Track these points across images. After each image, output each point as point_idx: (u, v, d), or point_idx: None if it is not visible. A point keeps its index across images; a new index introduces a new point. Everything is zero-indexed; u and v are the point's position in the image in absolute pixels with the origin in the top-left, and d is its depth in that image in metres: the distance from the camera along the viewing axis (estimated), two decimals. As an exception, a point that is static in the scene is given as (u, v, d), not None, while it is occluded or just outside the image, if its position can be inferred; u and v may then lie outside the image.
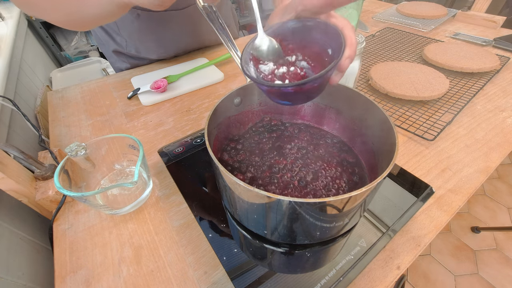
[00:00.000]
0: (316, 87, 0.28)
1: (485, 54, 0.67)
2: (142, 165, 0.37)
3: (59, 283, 0.32)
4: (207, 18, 0.41)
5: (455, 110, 0.55)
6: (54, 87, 1.13)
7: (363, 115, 0.36)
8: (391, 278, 0.32)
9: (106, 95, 0.65)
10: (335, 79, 0.30)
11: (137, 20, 0.65)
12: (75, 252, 0.35)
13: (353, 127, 0.39)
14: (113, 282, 0.32)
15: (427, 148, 0.48)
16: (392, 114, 0.55)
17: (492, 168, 0.44)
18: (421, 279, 1.07)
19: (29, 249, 0.44)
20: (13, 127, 0.61)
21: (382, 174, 0.23)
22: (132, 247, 0.35)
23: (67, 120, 0.58)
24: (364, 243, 0.33)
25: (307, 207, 0.24)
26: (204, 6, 0.41)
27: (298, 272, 0.30)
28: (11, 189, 0.37)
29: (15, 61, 0.81)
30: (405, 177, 0.41)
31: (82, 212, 0.40)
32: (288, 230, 0.29)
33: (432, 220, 0.38)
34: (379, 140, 0.33)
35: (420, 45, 0.80)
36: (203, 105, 0.61)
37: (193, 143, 0.47)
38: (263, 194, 0.22)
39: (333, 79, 0.30)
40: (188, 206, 0.39)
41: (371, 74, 0.63)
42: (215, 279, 0.32)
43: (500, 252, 1.14)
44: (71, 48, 1.54)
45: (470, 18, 0.93)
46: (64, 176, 0.35)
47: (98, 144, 0.40)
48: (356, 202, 0.25)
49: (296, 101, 0.31)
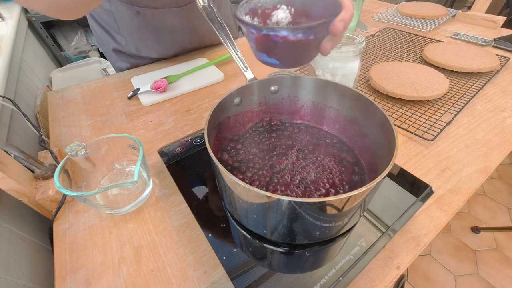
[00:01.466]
0: (306, 43, 0.27)
1: (485, 54, 0.67)
2: (142, 165, 0.37)
3: (59, 283, 0.32)
4: (207, 18, 0.41)
5: (455, 110, 0.55)
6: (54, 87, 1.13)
7: (363, 115, 0.36)
8: (391, 278, 0.32)
9: (106, 95, 0.66)
10: (327, 46, 0.29)
11: (136, 17, 0.65)
12: (75, 252, 0.35)
13: (352, 127, 0.39)
14: (113, 282, 0.32)
15: (427, 148, 0.48)
16: (392, 114, 0.55)
17: (492, 168, 0.44)
18: (421, 279, 1.07)
19: (29, 249, 0.44)
20: (13, 127, 0.61)
21: (382, 174, 0.23)
22: (132, 247, 0.36)
23: (67, 120, 0.58)
24: (363, 242, 0.33)
25: (306, 207, 0.24)
26: (204, 6, 0.41)
27: (298, 272, 0.30)
28: (11, 189, 0.37)
29: (15, 61, 0.81)
30: (405, 177, 0.41)
31: (82, 212, 0.40)
32: (288, 230, 0.29)
33: (431, 220, 0.38)
34: (379, 140, 0.33)
35: (420, 45, 0.80)
36: (203, 105, 0.61)
37: (193, 143, 0.47)
38: (262, 194, 0.23)
39: (325, 45, 0.28)
40: (188, 206, 0.39)
41: (371, 74, 0.63)
42: (215, 278, 0.32)
43: (500, 252, 1.14)
44: (71, 48, 1.54)
45: (470, 18, 0.93)
46: (64, 176, 0.35)
47: (98, 144, 0.40)
48: (355, 202, 0.25)
49: (284, 59, 0.30)
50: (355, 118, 0.38)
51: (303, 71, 0.69)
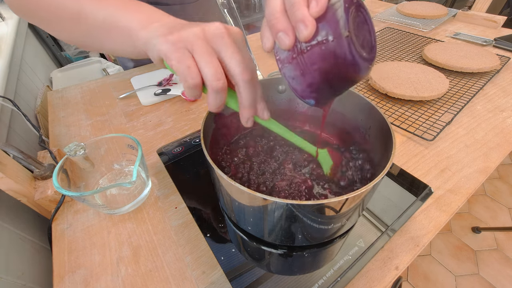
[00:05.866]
0: None
1: (485, 54, 0.67)
2: (141, 165, 0.37)
3: (58, 282, 0.32)
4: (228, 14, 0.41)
5: (455, 110, 0.55)
6: (54, 87, 1.13)
7: (361, 116, 0.36)
8: (390, 278, 0.32)
9: (106, 95, 0.66)
10: None
11: None
12: (73, 251, 0.35)
13: (350, 128, 0.39)
14: (112, 282, 0.32)
15: (426, 148, 0.48)
16: (392, 114, 0.55)
17: (492, 169, 0.44)
18: (422, 280, 1.07)
19: (29, 249, 0.44)
20: (13, 127, 0.61)
21: (379, 175, 0.23)
22: (131, 246, 0.36)
23: (67, 120, 0.58)
24: (362, 243, 0.32)
25: (304, 209, 0.24)
26: (223, 3, 0.41)
27: (296, 274, 0.30)
28: (10, 189, 0.37)
29: (16, 61, 0.81)
30: (404, 177, 0.41)
31: (81, 211, 0.40)
32: (285, 232, 0.29)
33: (431, 220, 0.37)
34: (377, 141, 0.33)
35: (420, 45, 0.80)
36: (202, 105, 0.61)
37: (192, 143, 0.47)
38: (259, 197, 0.22)
39: None
40: (187, 206, 0.39)
41: (370, 74, 0.63)
42: (213, 279, 0.32)
43: (501, 252, 1.14)
44: (71, 48, 1.54)
45: (470, 18, 0.93)
46: (63, 175, 0.35)
47: (97, 144, 0.40)
48: (353, 204, 0.25)
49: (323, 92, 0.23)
50: (352, 119, 0.38)
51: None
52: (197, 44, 0.23)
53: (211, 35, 0.23)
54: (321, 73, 0.21)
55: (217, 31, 0.23)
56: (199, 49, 0.23)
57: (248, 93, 0.25)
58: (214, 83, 0.23)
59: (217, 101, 0.25)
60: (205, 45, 0.23)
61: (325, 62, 0.20)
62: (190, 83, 0.23)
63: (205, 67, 0.23)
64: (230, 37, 0.23)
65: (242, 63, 0.23)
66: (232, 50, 0.23)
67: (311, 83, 0.22)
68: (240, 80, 0.24)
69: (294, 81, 0.23)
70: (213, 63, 0.23)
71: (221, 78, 0.23)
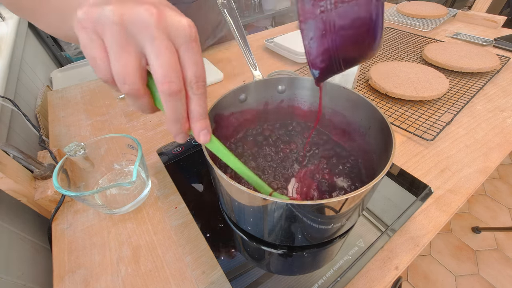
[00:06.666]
0: None
1: (485, 54, 0.67)
2: (141, 164, 0.37)
3: (58, 282, 0.32)
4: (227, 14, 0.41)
5: (455, 110, 0.55)
6: (55, 87, 1.13)
7: (360, 116, 0.36)
8: (389, 278, 0.32)
9: (106, 95, 0.66)
10: None
11: None
12: (73, 251, 0.35)
13: (350, 128, 0.39)
14: (111, 282, 0.32)
15: (426, 148, 0.48)
16: (392, 114, 0.55)
17: (492, 169, 0.44)
18: (422, 280, 1.07)
19: (29, 248, 0.44)
20: (13, 127, 0.61)
21: (379, 175, 0.23)
22: (131, 246, 0.36)
23: (66, 120, 0.58)
24: (362, 243, 0.32)
25: (304, 209, 0.24)
26: (223, 3, 0.41)
27: (296, 274, 0.30)
28: (10, 189, 0.37)
29: (16, 61, 0.81)
30: (404, 177, 0.41)
31: (81, 211, 0.40)
32: (285, 232, 0.29)
33: (431, 221, 0.37)
34: (376, 141, 0.33)
35: (420, 45, 0.80)
36: (202, 105, 0.61)
37: (192, 143, 0.47)
38: (259, 197, 0.22)
39: None
40: (187, 206, 0.39)
41: (370, 74, 0.63)
42: (213, 279, 0.32)
43: (501, 253, 1.14)
44: (71, 48, 1.54)
45: (470, 18, 0.93)
46: (63, 175, 0.35)
47: (97, 143, 0.40)
48: (353, 204, 0.25)
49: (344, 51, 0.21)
50: (352, 119, 0.38)
51: (303, 71, 0.69)
52: (110, 30, 0.16)
53: (132, 19, 0.16)
54: (343, 37, 0.20)
55: (144, 16, 0.16)
56: (109, 37, 0.17)
57: (170, 107, 0.19)
58: (123, 86, 0.17)
59: (136, 106, 0.20)
60: (119, 33, 0.16)
61: (352, 22, 0.19)
62: (102, 79, 0.18)
63: (114, 64, 0.17)
64: (161, 25, 0.17)
65: (167, 66, 0.17)
66: (159, 45, 0.17)
67: (328, 49, 0.21)
68: (160, 90, 0.18)
69: (312, 41, 0.21)
70: (125, 60, 0.17)
71: (134, 82, 0.17)
